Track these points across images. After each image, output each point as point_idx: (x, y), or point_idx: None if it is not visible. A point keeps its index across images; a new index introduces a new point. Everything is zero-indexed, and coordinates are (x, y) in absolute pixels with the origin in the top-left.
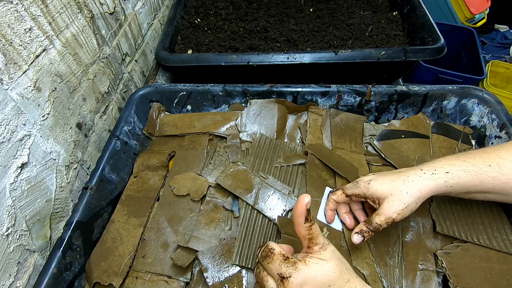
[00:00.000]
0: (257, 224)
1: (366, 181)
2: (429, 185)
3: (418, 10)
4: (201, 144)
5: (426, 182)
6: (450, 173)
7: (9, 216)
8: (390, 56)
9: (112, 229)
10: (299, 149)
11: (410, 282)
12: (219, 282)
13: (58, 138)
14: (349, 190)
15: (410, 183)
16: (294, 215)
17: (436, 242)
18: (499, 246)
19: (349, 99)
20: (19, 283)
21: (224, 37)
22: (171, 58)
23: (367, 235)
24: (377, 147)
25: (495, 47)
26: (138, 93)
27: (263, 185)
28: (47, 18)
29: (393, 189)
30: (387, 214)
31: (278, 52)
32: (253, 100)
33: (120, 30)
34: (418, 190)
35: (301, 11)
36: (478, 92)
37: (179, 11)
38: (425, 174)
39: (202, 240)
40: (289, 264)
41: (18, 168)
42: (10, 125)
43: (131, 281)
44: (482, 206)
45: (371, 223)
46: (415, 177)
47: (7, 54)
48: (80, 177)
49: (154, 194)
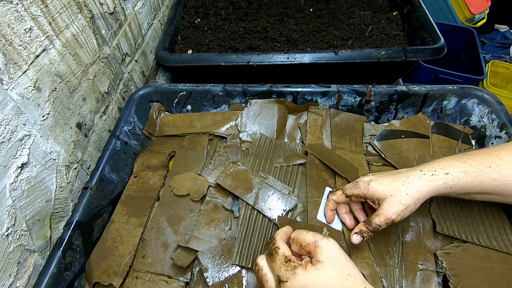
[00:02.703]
0: (257, 224)
1: (365, 181)
2: (429, 186)
3: (418, 10)
4: (201, 144)
5: (425, 183)
6: (450, 174)
7: (9, 216)
8: (390, 56)
9: (112, 229)
10: (299, 149)
11: (410, 282)
12: (219, 282)
13: (58, 138)
14: (348, 191)
15: (409, 184)
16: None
17: (436, 242)
18: (499, 246)
19: (349, 99)
20: (19, 283)
21: (224, 37)
22: (171, 58)
23: (367, 235)
24: (377, 147)
25: (495, 47)
26: (138, 93)
27: (263, 185)
28: (47, 18)
29: (392, 190)
30: (387, 215)
31: (278, 52)
32: (253, 100)
33: (120, 30)
34: (418, 191)
35: (301, 11)
36: (478, 92)
37: (179, 11)
38: (425, 175)
39: (202, 240)
40: (289, 268)
41: (18, 168)
42: (10, 125)
43: (131, 281)
44: (482, 206)
45: (371, 223)
46: (415, 178)
47: (7, 54)
48: (80, 177)
49: (154, 194)
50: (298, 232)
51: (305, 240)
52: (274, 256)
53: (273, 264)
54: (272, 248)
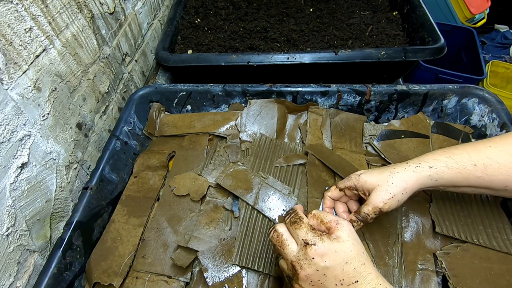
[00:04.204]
0: (257, 224)
1: (357, 174)
2: (414, 177)
3: (418, 10)
4: (201, 144)
5: (410, 174)
6: (434, 167)
7: (9, 216)
8: (390, 56)
9: (112, 229)
10: (299, 149)
11: (409, 282)
12: (219, 282)
13: (58, 138)
14: (341, 184)
15: (396, 175)
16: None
17: (436, 242)
18: (499, 246)
19: (349, 99)
20: (19, 283)
21: (224, 37)
22: (171, 58)
23: (356, 224)
24: (377, 147)
25: (495, 47)
26: (138, 93)
27: (263, 185)
28: (47, 18)
29: (380, 180)
30: (374, 204)
31: (278, 52)
32: (253, 100)
33: (120, 30)
34: (404, 181)
35: (301, 11)
36: (479, 91)
37: (179, 11)
38: (410, 167)
39: (202, 240)
40: (316, 234)
41: (18, 168)
42: (10, 125)
43: (131, 281)
44: (482, 206)
45: (360, 212)
46: (401, 169)
47: (7, 54)
48: (80, 177)
49: (154, 194)
50: (318, 211)
51: (327, 217)
52: (299, 223)
53: (297, 230)
54: (296, 217)
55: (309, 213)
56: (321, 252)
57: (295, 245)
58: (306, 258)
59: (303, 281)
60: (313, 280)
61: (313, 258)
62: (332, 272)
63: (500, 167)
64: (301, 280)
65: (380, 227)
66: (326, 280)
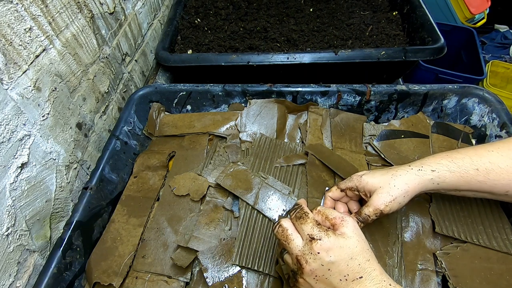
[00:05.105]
0: (257, 224)
1: (358, 175)
2: (416, 180)
3: (418, 10)
4: (201, 144)
5: (413, 177)
6: (436, 171)
7: (9, 216)
8: (390, 56)
9: (112, 229)
10: (299, 149)
11: (409, 282)
12: (219, 282)
13: (58, 138)
14: (343, 185)
15: (398, 177)
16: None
17: (436, 242)
18: (498, 246)
19: (349, 99)
20: (19, 283)
21: (224, 37)
22: (171, 58)
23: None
24: (377, 147)
25: (495, 47)
26: (138, 93)
27: (263, 185)
28: (47, 18)
29: (382, 182)
30: (376, 206)
31: (278, 52)
32: (253, 100)
33: (120, 30)
34: (406, 184)
35: (301, 11)
36: (479, 91)
37: (179, 11)
38: (412, 170)
39: (202, 240)
40: (321, 230)
41: (18, 168)
42: (10, 125)
43: (131, 281)
44: (482, 206)
45: (361, 214)
46: (403, 172)
47: (7, 54)
48: (80, 177)
49: (154, 194)
50: (323, 207)
51: (332, 214)
52: (304, 219)
53: (303, 225)
54: (302, 212)
55: (313, 209)
56: (327, 247)
57: (300, 239)
58: (312, 253)
59: (308, 276)
60: (318, 275)
61: (318, 253)
62: (337, 267)
63: (502, 172)
64: (306, 275)
65: (380, 227)
66: (331, 275)
